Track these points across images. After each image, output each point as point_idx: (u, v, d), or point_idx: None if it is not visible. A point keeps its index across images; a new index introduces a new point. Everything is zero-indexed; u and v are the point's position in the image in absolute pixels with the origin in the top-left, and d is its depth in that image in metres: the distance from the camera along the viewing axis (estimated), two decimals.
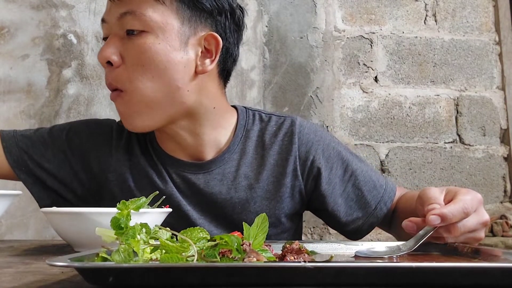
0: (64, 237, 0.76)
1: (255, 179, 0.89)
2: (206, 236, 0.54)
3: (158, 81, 0.80)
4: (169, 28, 0.80)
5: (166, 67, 0.80)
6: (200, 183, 0.88)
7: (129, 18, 0.79)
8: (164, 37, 0.80)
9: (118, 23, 0.80)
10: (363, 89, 2.14)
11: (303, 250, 0.55)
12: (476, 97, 2.19)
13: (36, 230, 1.88)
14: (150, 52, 0.79)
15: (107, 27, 0.83)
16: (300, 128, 0.92)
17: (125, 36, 0.80)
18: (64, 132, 0.93)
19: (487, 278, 0.43)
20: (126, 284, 0.43)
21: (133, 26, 0.79)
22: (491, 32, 2.24)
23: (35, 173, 0.91)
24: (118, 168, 0.90)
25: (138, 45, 0.79)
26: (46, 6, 2.00)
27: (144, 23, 0.79)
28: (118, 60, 0.80)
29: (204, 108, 0.86)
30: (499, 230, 1.92)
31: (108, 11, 0.83)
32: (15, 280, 0.49)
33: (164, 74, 0.80)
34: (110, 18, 0.82)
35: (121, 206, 0.51)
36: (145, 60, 0.79)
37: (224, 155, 0.89)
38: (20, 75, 1.96)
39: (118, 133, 0.93)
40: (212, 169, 0.88)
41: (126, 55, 0.80)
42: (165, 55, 0.80)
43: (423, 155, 2.13)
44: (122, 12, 0.80)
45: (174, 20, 0.80)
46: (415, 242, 0.65)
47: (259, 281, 0.42)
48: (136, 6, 0.79)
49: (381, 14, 2.19)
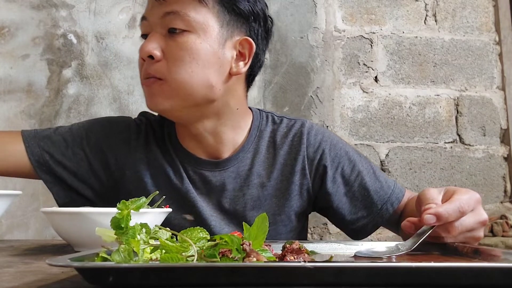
0: (64, 237, 0.76)
1: (266, 178, 0.93)
2: (206, 236, 0.54)
3: (195, 77, 0.84)
4: (209, 29, 0.85)
5: (204, 65, 0.84)
6: (216, 180, 0.92)
7: (172, 18, 0.83)
8: (204, 37, 0.84)
9: (161, 21, 0.85)
10: (363, 89, 2.14)
11: (303, 250, 0.55)
12: (476, 97, 2.19)
13: (36, 230, 1.89)
14: (191, 50, 0.83)
15: (147, 24, 0.87)
16: (309, 130, 0.97)
17: (166, 33, 0.85)
18: (83, 130, 0.96)
19: (487, 278, 0.43)
20: (126, 284, 0.43)
21: (176, 25, 0.83)
22: (491, 32, 2.24)
23: (56, 172, 0.93)
24: (135, 165, 0.93)
25: (180, 43, 0.83)
26: (46, 6, 2.00)
27: (187, 23, 0.83)
28: (160, 55, 0.84)
29: (229, 108, 0.91)
30: (499, 230, 1.92)
31: (150, 9, 0.87)
32: (15, 280, 0.49)
33: (202, 72, 0.84)
34: (152, 17, 0.86)
35: (121, 206, 0.51)
36: (186, 57, 0.83)
37: (239, 154, 0.93)
38: (20, 75, 1.96)
39: (136, 131, 0.96)
40: (227, 167, 0.93)
41: (168, 51, 0.84)
42: (204, 54, 0.84)
43: (423, 155, 2.13)
44: (166, 11, 0.84)
45: (214, 23, 0.85)
46: (413, 242, 0.65)
47: (259, 281, 0.42)
48: (180, 7, 0.83)
49: (381, 14, 2.19)
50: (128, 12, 2.05)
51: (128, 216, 0.50)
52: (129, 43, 2.03)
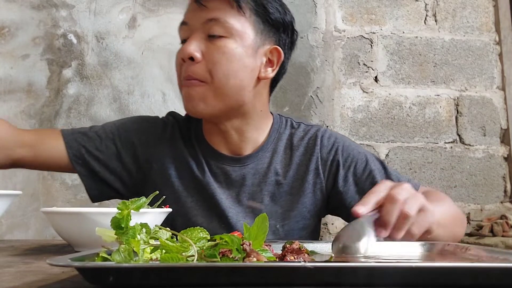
0: (64, 237, 0.76)
1: (283, 176, 1.00)
2: (206, 236, 0.54)
3: (230, 79, 0.92)
4: (245, 36, 0.93)
5: (239, 68, 0.92)
6: (236, 175, 0.99)
7: (213, 24, 0.91)
8: (241, 43, 0.92)
9: (202, 26, 0.92)
10: (363, 89, 2.14)
11: (303, 250, 0.55)
12: (476, 97, 2.19)
13: (36, 230, 1.89)
14: (229, 55, 0.91)
15: (187, 29, 0.95)
16: (323, 133, 1.04)
17: (206, 37, 0.92)
18: (114, 127, 1.04)
19: (487, 278, 0.43)
20: (126, 284, 0.43)
21: (216, 31, 0.91)
22: (491, 32, 2.24)
23: (90, 165, 0.99)
24: (161, 158, 1.01)
25: (219, 47, 0.91)
26: (47, 6, 2.00)
27: (227, 29, 0.91)
28: (200, 57, 0.91)
29: (254, 110, 0.99)
30: (499, 230, 1.92)
31: (191, 15, 0.95)
32: (15, 280, 0.49)
33: (236, 74, 0.92)
34: (193, 22, 0.94)
35: (121, 206, 0.51)
36: (224, 61, 0.91)
37: (259, 153, 1.01)
38: (21, 75, 1.96)
39: (163, 128, 1.04)
40: (248, 164, 1.00)
41: (207, 54, 0.91)
42: (240, 59, 0.92)
43: (423, 155, 2.13)
44: (208, 18, 0.91)
45: (250, 31, 0.93)
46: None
47: (259, 281, 0.42)
48: (221, 14, 0.91)
49: (381, 14, 2.19)
50: (128, 12, 2.05)
51: (128, 216, 0.50)
52: (129, 43, 2.03)
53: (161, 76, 2.03)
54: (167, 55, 2.03)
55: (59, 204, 1.89)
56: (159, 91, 2.02)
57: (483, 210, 2.14)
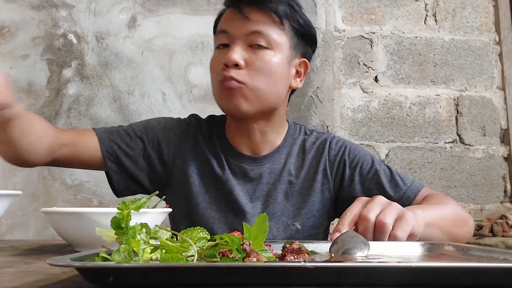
0: (64, 237, 0.76)
1: (295, 176, 1.08)
2: (206, 236, 0.54)
3: (269, 85, 1.01)
4: (283, 49, 1.02)
5: (277, 77, 1.01)
6: (254, 173, 1.07)
7: (256, 36, 1.00)
8: (280, 55, 1.01)
9: (245, 37, 1.00)
10: (363, 89, 2.14)
11: (303, 250, 0.55)
12: (476, 97, 2.19)
13: (36, 230, 1.89)
14: (270, 64, 1.00)
15: (227, 37, 1.02)
16: (332, 139, 1.13)
17: (247, 46, 1.00)
18: (142, 126, 1.11)
19: (487, 278, 0.43)
20: (126, 284, 0.43)
21: (259, 42, 1.00)
22: (491, 32, 2.24)
23: (121, 161, 1.06)
24: (184, 155, 1.08)
25: (261, 57, 0.99)
26: (47, 6, 2.01)
27: (268, 42, 1.00)
28: (243, 64, 0.99)
29: (278, 114, 1.08)
30: (499, 230, 1.92)
31: (233, 25, 1.01)
32: (16, 280, 0.49)
33: (274, 82, 1.01)
34: (235, 31, 1.00)
35: (121, 206, 0.51)
36: (265, 69, 1.00)
37: (275, 154, 1.09)
38: (21, 75, 1.96)
39: (186, 128, 1.12)
40: (264, 163, 1.08)
41: (250, 62, 0.99)
42: (278, 69, 1.01)
43: (423, 155, 2.13)
44: (252, 30, 0.99)
45: (287, 44, 1.03)
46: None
47: (259, 281, 0.42)
48: (264, 28, 1.00)
49: (381, 14, 2.19)
50: (128, 12, 2.05)
51: (128, 216, 0.50)
52: (129, 43, 2.03)
53: (161, 76, 2.03)
54: (167, 55, 2.03)
55: (59, 204, 1.89)
56: (159, 91, 2.02)
57: (483, 210, 2.14)
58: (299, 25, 1.05)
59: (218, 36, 1.05)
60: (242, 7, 1.00)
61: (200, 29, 2.05)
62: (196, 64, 2.05)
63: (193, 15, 2.05)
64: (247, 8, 1.00)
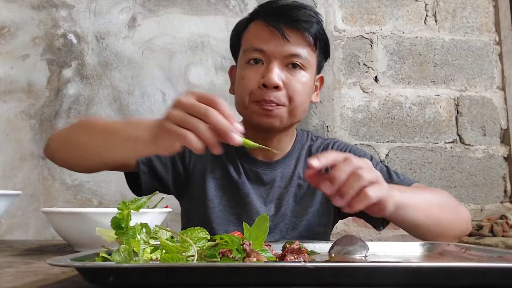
0: (64, 237, 0.76)
1: (303, 180, 1.13)
2: (206, 236, 0.54)
3: (302, 104, 1.05)
4: (313, 68, 1.08)
5: (307, 96, 1.07)
6: (268, 178, 1.11)
7: (295, 58, 1.03)
8: (311, 74, 1.07)
9: (283, 58, 1.03)
10: (363, 89, 2.14)
11: (303, 250, 0.56)
12: (476, 97, 2.19)
13: (36, 230, 1.89)
14: (304, 84, 1.04)
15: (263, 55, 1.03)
16: (335, 142, 1.20)
17: (284, 66, 1.03)
18: None
19: (487, 278, 0.43)
20: (127, 284, 0.43)
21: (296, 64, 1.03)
22: (491, 32, 2.24)
23: (152, 164, 1.09)
24: (202, 160, 1.12)
25: (298, 78, 1.04)
26: (47, 6, 2.00)
27: (304, 62, 1.04)
28: (282, 85, 1.02)
29: (299, 121, 1.12)
30: (499, 230, 1.92)
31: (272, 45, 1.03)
32: (16, 280, 0.49)
33: (306, 100, 1.07)
34: (273, 52, 1.02)
35: (121, 206, 0.51)
36: (301, 90, 1.04)
37: (285, 159, 1.14)
38: (21, 75, 1.96)
39: None
40: (277, 168, 1.12)
41: (288, 83, 1.03)
42: (309, 88, 1.07)
43: (423, 155, 2.13)
44: (291, 53, 1.03)
45: (315, 63, 1.09)
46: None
47: (259, 281, 0.42)
48: (301, 50, 1.04)
49: (381, 14, 2.19)
50: (128, 12, 2.05)
51: (128, 216, 0.50)
52: (129, 43, 2.03)
53: (161, 76, 2.03)
54: (167, 55, 2.03)
55: (59, 204, 1.89)
56: (159, 91, 2.02)
57: (483, 210, 2.14)
58: (325, 47, 1.11)
59: (251, 52, 1.05)
60: (283, 28, 1.01)
61: (200, 29, 2.05)
62: (196, 64, 2.05)
63: (193, 15, 2.05)
64: (287, 30, 1.02)
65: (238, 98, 1.08)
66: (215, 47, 2.05)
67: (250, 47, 1.05)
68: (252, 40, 1.06)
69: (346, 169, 0.70)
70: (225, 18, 2.06)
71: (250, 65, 1.04)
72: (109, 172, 1.09)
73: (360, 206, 0.70)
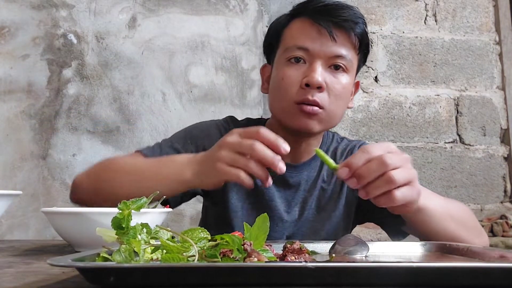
0: (64, 237, 0.76)
1: (327, 182, 1.09)
2: (207, 236, 0.54)
3: (342, 108, 1.02)
4: (354, 72, 1.03)
5: (347, 101, 1.03)
6: (293, 181, 1.08)
7: (339, 59, 0.98)
8: (352, 77, 1.02)
9: (328, 58, 0.98)
10: (363, 89, 2.14)
11: (304, 250, 0.56)
12: (476, 97, 2.19)
13: (36, 230, 1.89)
14: (346, 88, 1.00)
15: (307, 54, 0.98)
16: (361, 144, 1.15)
17: (327, 67, 0.98)
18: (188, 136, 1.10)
19: (487, 278, 0.43)
20: (127, 284, 0.43)
21: (340, 65, 0.99)
22: (491, 32, 2.24)
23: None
24: None
25: (340, 80, 0.99)
26: (47, 6, 2.00)
27: (347, 65, 0.99)
28: (325, 86, 0.97)
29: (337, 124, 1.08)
30: (499, 230, 1.92)
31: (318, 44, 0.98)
32: (16, 280, 0.49)
33: (345, 104, 1.03)
34: (318, 51, 0.98)
35: (122, 206, 0.51)
36: (343, 94, 1.00)
37: (311, 162, 1.09)
38: (21, 75, 1.96)
39: (224, 131, 1.09)
40: (302, 171, 1.08)
41: (331, 86, 0.98)
42: (349, 91, 1.03)
43: (423, 155, 2.13)
44: (337, 54, 0.98)
45: (356, 66, 1.04)
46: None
47: (260, 281, 0.42)
48: (346, 52, 0.99)
49: (381, 14, 2.19)
50: (128, 12, 2.05)
51: (129, 216, 0.50)
52: (129, 43, 2.03)
53: (161, 76, 2.03)
54: (167, 55, 2.03)
55: (59, 204, 1.89)
56: (159, 91, 2.02)
57: (483, 210, 2.14)
58: (366, 49, 1.05)
59: (293, 50, 0.99)
60: (331, 28, 0.97)
61: (200, 29, 2.05)
62: (196, 64, 2.05)
63: (193, 15, 2.05)
64: (335, 29, 0.97)
65: (275, 98, 1.03)
66: (215, 47, 2.05)
67: (293, 45, 0.99)
68: (297, 37, 1.00)
69: (377, 168, 0.69)
70: (225, 18, 2.06)
71: (291, 64, 0.99)
72: None
73: (384, 205, 0.71)
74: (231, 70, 2.02)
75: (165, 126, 1.99)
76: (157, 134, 1.98)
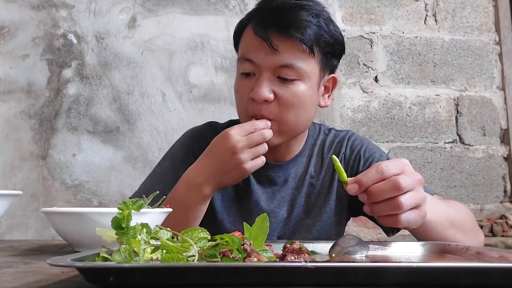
0: (64, 237, 0.76)
1: (316, 178, 1.08)
2: (206, 236, 0.54)
3: (300, 116, 0.97)
4: (313, 76, 0.97)
5: (308, 108, 0.98)
6: (280, 180, 1.07)
7: (286, 69, 0.94)
8: (310, 83, 0.96)
9: (273, 70, 0.94)
10: (363, 89, 2.14)
11: (303, 250, 0.56)
12: (476, 97, 2.19)
13: (36, 230, 1.89)
14: (300, 97, 0.95)
15: (253, 67, 0.96)
16: (350, 137, 1.12)
17: (276, 78, 0.95)
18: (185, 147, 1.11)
19: (487, 278, 0.43)
20: (127, 284, 0.43)
21: (288, 76, 0.94)
22: (491, 32, 2.24)
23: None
24: None
25: (291, 91, 0.95)
26: (46, 6, 2.00)
27: (297, 73, 0.94)
28: (272, 98, 0.94)
29: (306, 129, 1.08)
30: (499, 230, 1.92)
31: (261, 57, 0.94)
32: (15, 280, 0.49)
33: (305, 111, 0.98)
34: (262, 63, 0.94)
35: (122, 206, 0.51)
36: (295, 102, 0.95)
37: (297, 158, 1.09)
38: (20, 75, 1.96)
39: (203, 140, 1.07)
40: (289, 169, 1.08)
41: (280, 96, 0.95)
42: (309, 99, 0.97)
43: (423, 155, 2.13)
44: (280, 64, 0.93)
45: (316, 69, 0.97)
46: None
47: (260, 281, 0.42)
48: (293, 60, 0.93)
49: (381, 14, 2.19)
50: (128, 12, 2.05)
51: (129, 216, 0.50)
52: (129, 43, 2.03)
53: (161, 76, 2.03)
54: (167, 55, 2.03)
55: (59, 204, 1.89)
56: (159, 91, 2.02)
57: (483, 210, 2.14)
58: (328, 46, 0.98)
59: (242, 62, 0.98)
60: (271, 39, 0.92)
61: (200, 29, 2.05)
62: (196, 64, 2.05)
63: (193, 15, 2.05)
64: (275, 39, 0.92)
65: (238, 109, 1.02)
66: (215, 47, 2.05)
67: (242, 57, 0.98)
68: (244, 48, 0.98)
69: (389, 191, 0.68)
70: (225, 18, 2.06)
71: (243, 77, 0.98)
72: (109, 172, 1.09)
73: (387, 226, 0.73)
74: (230, 70, 2.02)
75: (165, 126, 1.99)
76: (157, 134, 1.98)
